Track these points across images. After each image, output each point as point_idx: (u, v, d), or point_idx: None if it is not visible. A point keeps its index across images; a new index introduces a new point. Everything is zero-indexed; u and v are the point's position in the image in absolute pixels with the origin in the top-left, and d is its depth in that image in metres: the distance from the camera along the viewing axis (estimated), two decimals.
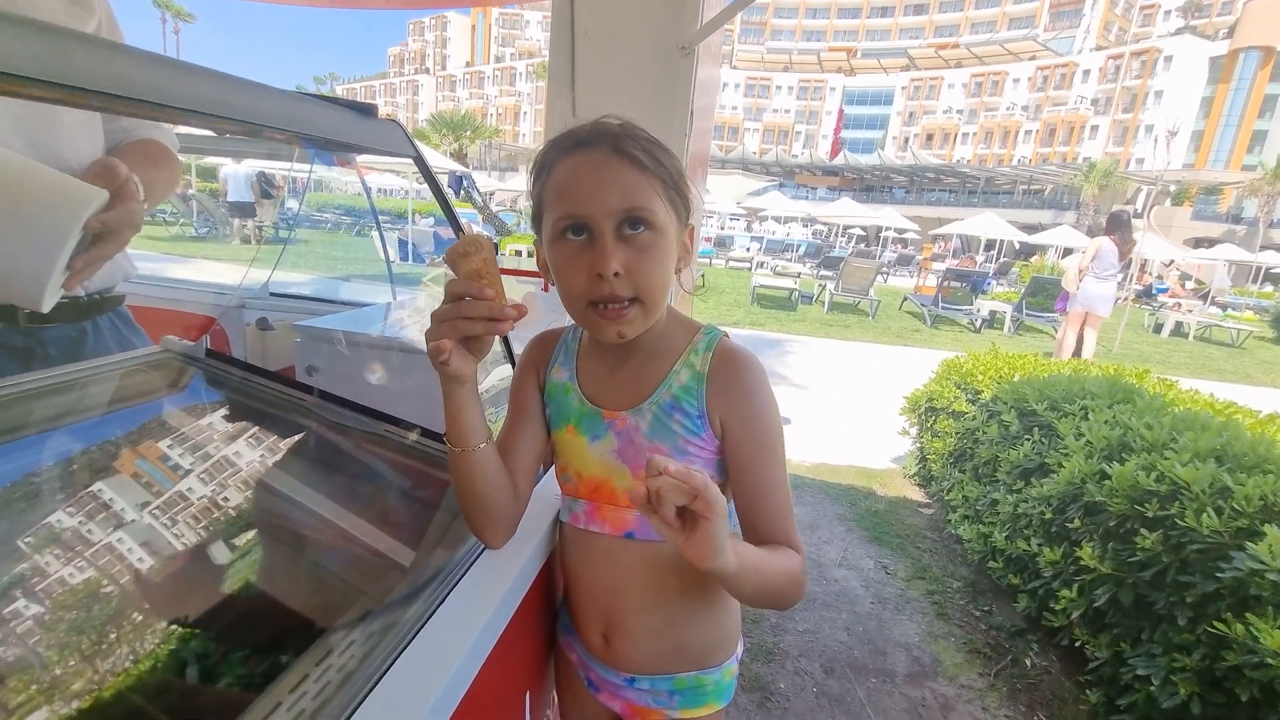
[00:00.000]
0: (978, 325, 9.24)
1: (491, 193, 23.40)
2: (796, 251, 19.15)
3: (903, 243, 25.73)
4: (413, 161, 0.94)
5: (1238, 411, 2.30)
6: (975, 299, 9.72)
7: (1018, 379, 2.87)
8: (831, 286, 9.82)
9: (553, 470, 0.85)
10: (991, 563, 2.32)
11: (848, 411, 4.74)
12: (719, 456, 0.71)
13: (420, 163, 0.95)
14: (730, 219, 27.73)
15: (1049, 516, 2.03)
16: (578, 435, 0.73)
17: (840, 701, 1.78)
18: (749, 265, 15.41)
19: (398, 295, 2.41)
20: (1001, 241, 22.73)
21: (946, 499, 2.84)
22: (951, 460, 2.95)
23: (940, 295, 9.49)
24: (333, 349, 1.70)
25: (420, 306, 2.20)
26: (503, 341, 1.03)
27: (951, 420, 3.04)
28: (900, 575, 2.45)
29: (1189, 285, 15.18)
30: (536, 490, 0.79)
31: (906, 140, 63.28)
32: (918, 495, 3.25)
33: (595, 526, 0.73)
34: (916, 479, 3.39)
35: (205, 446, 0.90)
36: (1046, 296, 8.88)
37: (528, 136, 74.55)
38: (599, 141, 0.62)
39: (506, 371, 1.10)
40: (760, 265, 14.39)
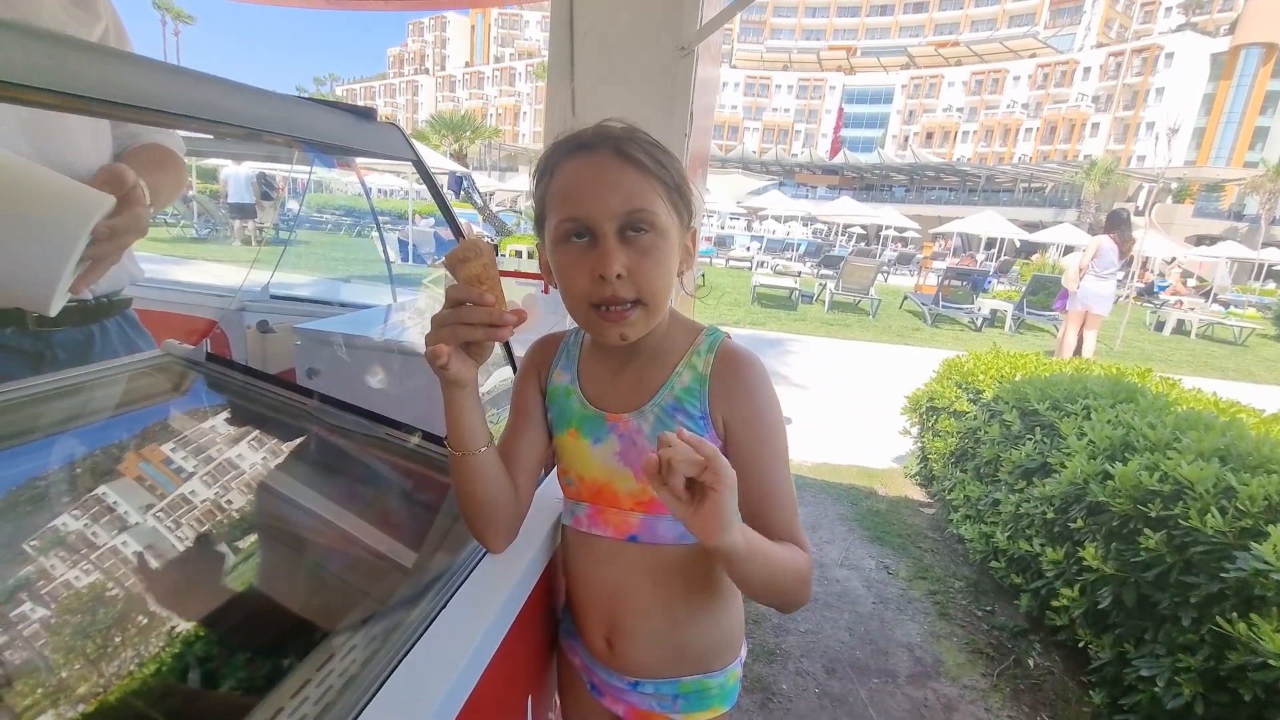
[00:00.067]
0: (979, 324, 9.24)
1: (491, 193, 23.41)
2: (797, 251, 19.14)
3: (903, 241, 25.70)
4: (412, 164, 0.94)
5: (1241, 411, 2.30)
6: (976, 298, 9.71)
7: (1019, 378, 2.86)
8: (832, 286, 9.82)
9: (554, 474, 0.85)
10: (993, 562, 2.31)
11: (849, 411, 4.74)
12: None
13: (419, 166, 0.94)
14: (730, 218, 27.70)
15: (1051, 516, 2.03)
16: (579, 438, 0.72)
17: (842, 702, 1.78)
18: (749, 265, 15.40)
19: (398, 297, 2.41)
20: (1002, 240, 22.69)
21: (948, 499, 2.84)
22: (953, 460, 2.94)
23: (941, 294, 9.48)
24: (333, 352, 1.70)
25: (421, 308, 2.20)
26: (503, 344, 1.03)
27: (953, 420, 3.04)
28: (902, 575, 2.45)
29: (1191, 283, 15.14)
30: (537, 493, 0.79)
31: (906, 139, 63.21)
32: (919, 495, 3.25)
33: (598, 530, 0.73)
34: (918, 478, 3.38)
35: (207, 450, 0.90)
36: (1047, 295, 8.87)
37: (527, 136, 74.56)
38: (601, 144, 0.63)
39: (507, 374, 1.10)
40: (760, 265, 14.39)
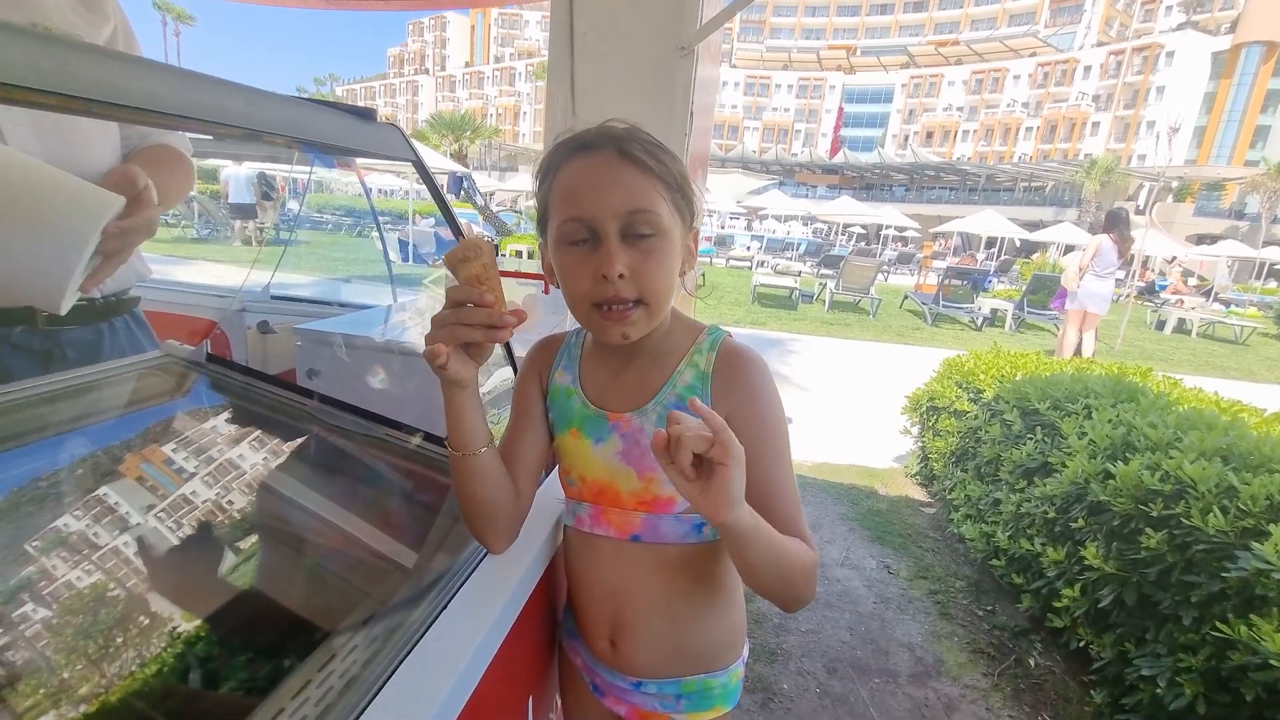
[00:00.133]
0: (979, 323, 9.23)
1: (492, 193, 23.42)
2: (797, 250, 19.13)
3: (903, 241, 25.68)
4: (412, 165, 0.94)
5: (1243, 410, 2.29)
6: (976, 297, 9.70)
7: (1020, 378, 2.86)
8: (832, 285, 9.81)
9: (554, 474, 0.85)
10: (994, 562, 2.31)
11: (849, 410, 4.73)
12: None
13: (420, 167, 0.94)
14: (730, 218, 27.69)
15: (1052, 516, 2.03)
16: (581, 438, 0.72)
17: (843, 702, 1.78)
18: (749, 264, 15.40)
19: (398, 297, 2.42)
20: (1002, 239, 22.67)
21: (949, 498, 2.84)
22: (953, 459, 2.94)
23: (941, 293, 9.47)
24: (334, 352, 1.70)
25: (421, 308, 2.20)
26: (503, 345, 1.03)
27: (953, 419, 3.04)
28: (903, 575, 2.45)
29: (1192, 282, 15.12)
30: (538, 494, 0.78)
31: (906, 138, 63.18)
32: (920, 494, 3.24)
33: (600, 530, 0.73)
34: (918, 478, 3.38)
35: (207, 451, 0.90)
36: (1048, 294, 8.86)
37: (527, 136, 74.57)
38: (604, 144, 0.63)
39: (507, 375, 1.10)
40: (760, 264, 14.40)
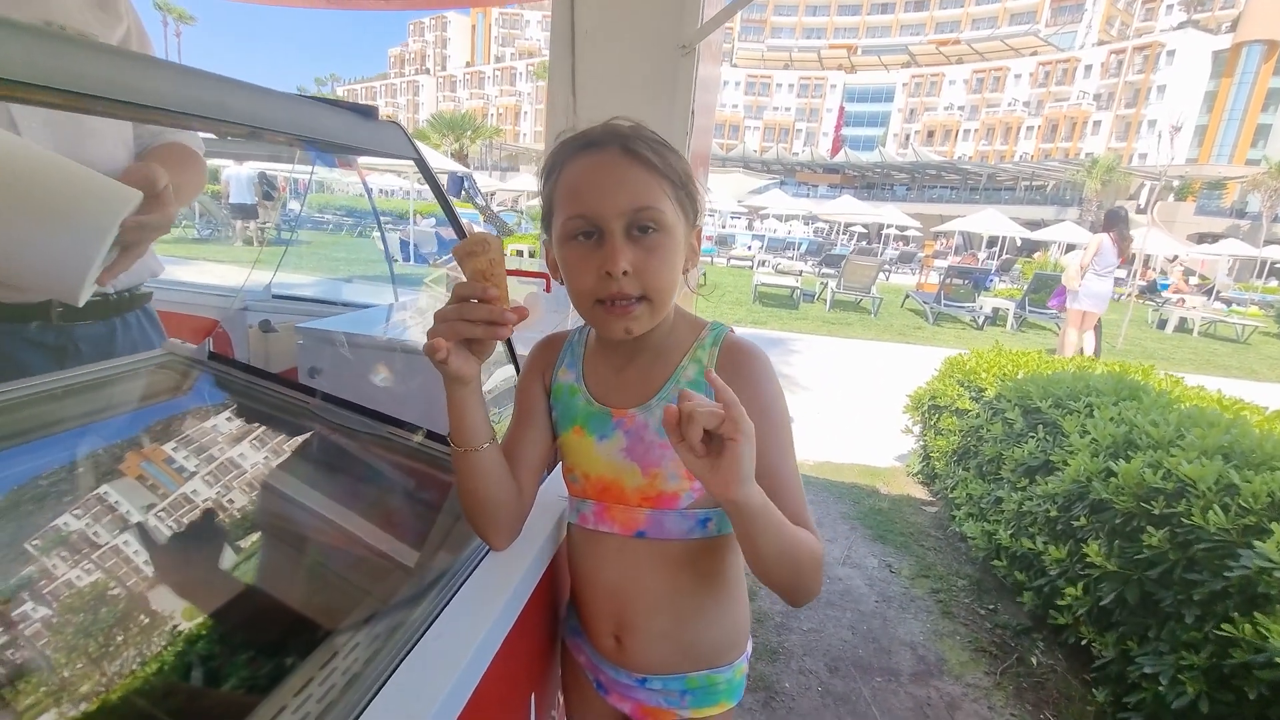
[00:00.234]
0: (980, 322, 9.22)
1: (493, 193, 23.42)
2: (798, 249, 19.14)
3: (904, 240, 25.68)
4: (414, 163, 0.94)
5: (1245, 408, 2.29)
6: (978, 296, 9.70)
7: (1021, 376, 2.86)
8: (833, 284, 9.81)
9: (557, 472, 0.84)
10: (996, 561, 2.31)
11: (850, 409, 4.73)
12: None
13: (421, 164, 0.94)
14: (731, 217, 27.69)
15: (1054, 514, 2.03)
16: (585, 435, 0.72)
17: (845, 700, 1.77)
18: (750, 264, 15.40)
19: (400, 296, 2.42)
20: (1004, 238, 22.64)
21: (950, 497, 2.84)
22: (955, 458, 2.94)
23: (942, 292, 9.47)
24: (335, 351, 1.71)
25: (422, 307, 2.20)
26: (505, 343, 1.03)
27: (955, 418, 3.03)
28: (904, 573, 2.45)
29: (1193, 281, 15.10)
30: (540, 492, 0.78)
31: (908, 137, 63.14)
32: (921, 493, 3.24)
33: (605, 526, 0.73)
34: (920, 477, 3.38)
35: (209, 449, 0.90)
36: (1049, 293, 8.85)
37: (528, 136, 74.60)
38: (609, 142, 0.63)
39: (508, 373, 1.10)
40: (762, 263, 14.39)
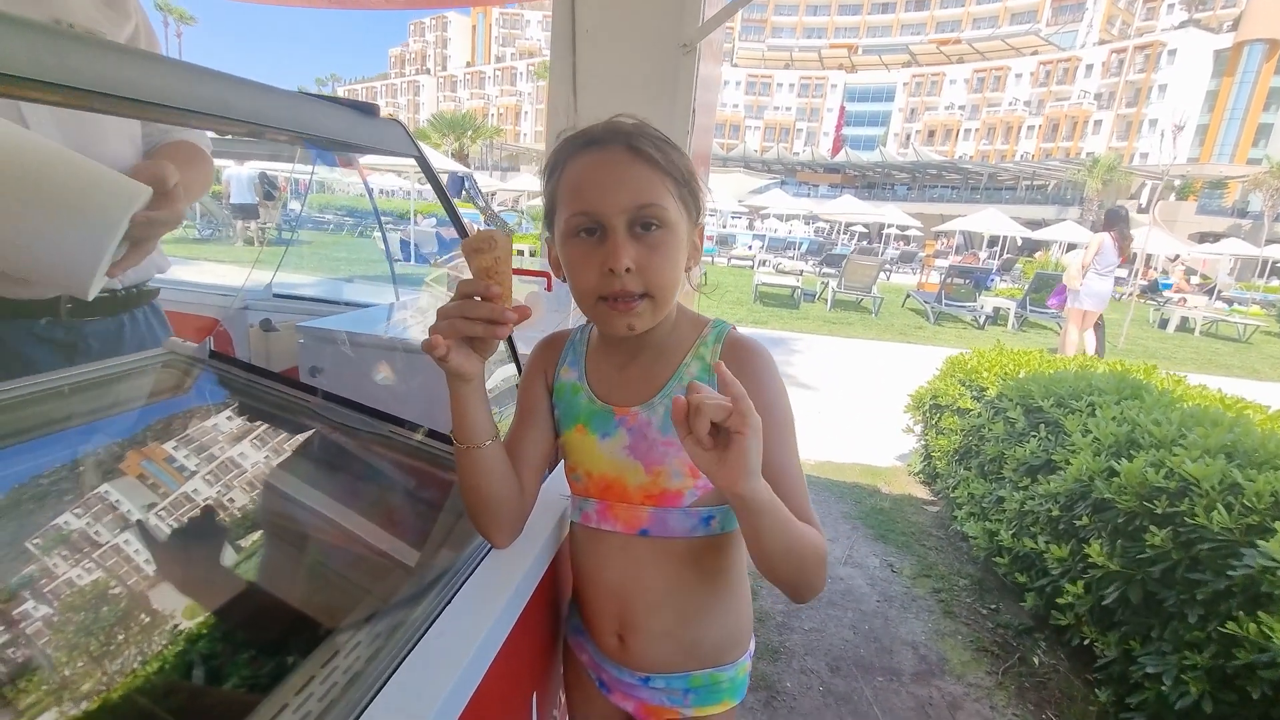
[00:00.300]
0: (981, 322, 9.22)
1: (493, 193, 23.42)
2: (798, 249, 19.12)
3: (905, 240, 25.65)
4: (415, 161, 0.93)
5: (1248, 407, 2.28)
6: (979, 295, 9.70)
7: (1023, 375, 2.85)
8: (834, 284, 9.81)
9: (559, 470, 0.84)
10: (998, 560, 2.30)
11: (851, 409, 4.73)
12: None
13: (422, 162, 0.94)
14: (732, 217, 27.67)
15: (1056, 514, 2.02)
16: (588, 433, 0.72)
17: (847, 700, 1.77)
18: (751, 263, 15.40)
19: (400, 296, 2.42)
20: (1005, 238, 22.63)
21: (952, 496, 2.83)
22: (957, 457, 2.93)
23: (943, 292, 9.47)
24: (336, 350, 1.70)
25: (423, 307, 2.20)
26: (507, 341, 1.03)
27: (956, 417, 3.03)
28: (906, 573, 2.44)
29: (1195, 280, 15.08)
30: (542, 490, 0.78)
31: (908, 137, 63.10)
32: (923, 493, 3.24)
33: (608, 525, 0.73)
34: (921, 476, 3.37)
35: (210, 448, 0.90)
36: (1049, 292, 8.85)
37: (529, 136, 74.61)
38: (612, 140, 0.63)
39: (509, 372, 1.10)
40: (762, 263, 14.40)
